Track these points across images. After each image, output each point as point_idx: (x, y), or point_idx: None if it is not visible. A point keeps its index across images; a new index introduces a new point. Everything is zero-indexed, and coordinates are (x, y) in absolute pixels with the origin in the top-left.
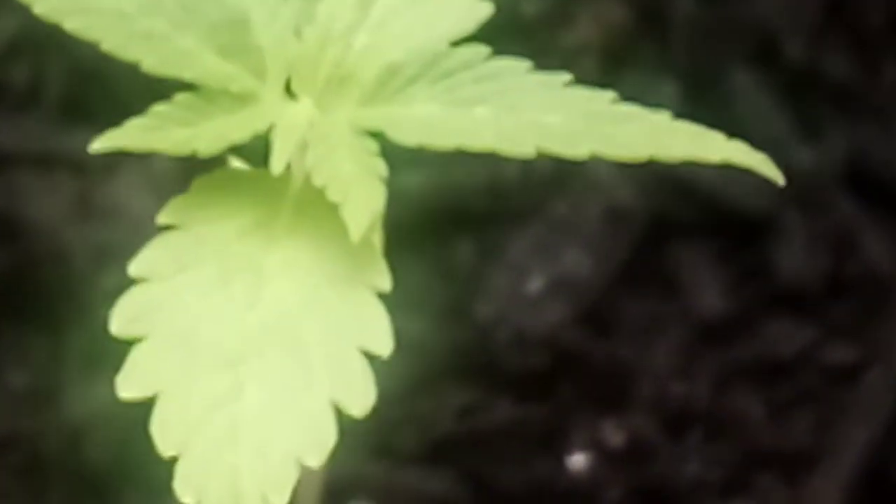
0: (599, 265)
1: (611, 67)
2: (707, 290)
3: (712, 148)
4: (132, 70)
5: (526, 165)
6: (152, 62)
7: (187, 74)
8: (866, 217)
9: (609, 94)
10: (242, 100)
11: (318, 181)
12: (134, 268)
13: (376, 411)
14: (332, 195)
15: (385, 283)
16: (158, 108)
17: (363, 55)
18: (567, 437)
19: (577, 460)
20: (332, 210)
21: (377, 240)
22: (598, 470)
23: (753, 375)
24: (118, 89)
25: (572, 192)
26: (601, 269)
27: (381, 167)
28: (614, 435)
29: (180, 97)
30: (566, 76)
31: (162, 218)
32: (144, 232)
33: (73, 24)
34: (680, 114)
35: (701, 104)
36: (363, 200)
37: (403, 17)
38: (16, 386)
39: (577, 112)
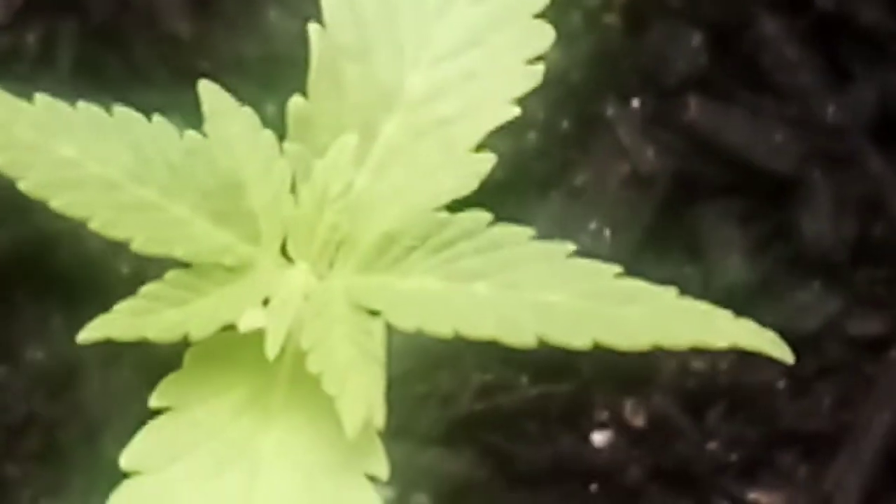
0: (622, 232)
1: (635, 21)
2: (729, 256)
3: (719, 332)
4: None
5: (547, 131)
6: (143, 240)
7: (178, 251)
8: (895, 174)
9: (613, 269)
10: (236, 271)
11: (313, 368)
12: (125, 460)
13: (397, 390)
14: (328, 387)
15: (382, 470)
16: (149, 289)
17: (361, 218)
18: (588, 415)
19: (599, 439)
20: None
21: (379, 422)
22: (619, 448)
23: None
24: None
25: (595, 157)
26: (624, 237)
27: (380, 350)
28: (635, 414)
29: (171, 275)
30: (569, 246)
31: (154, 401)
32: None
33: (60, 202)
34: (706, 66)
35: (727, 54)
36: (360, 393)
37: (403, 174)
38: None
39: (580, 290)
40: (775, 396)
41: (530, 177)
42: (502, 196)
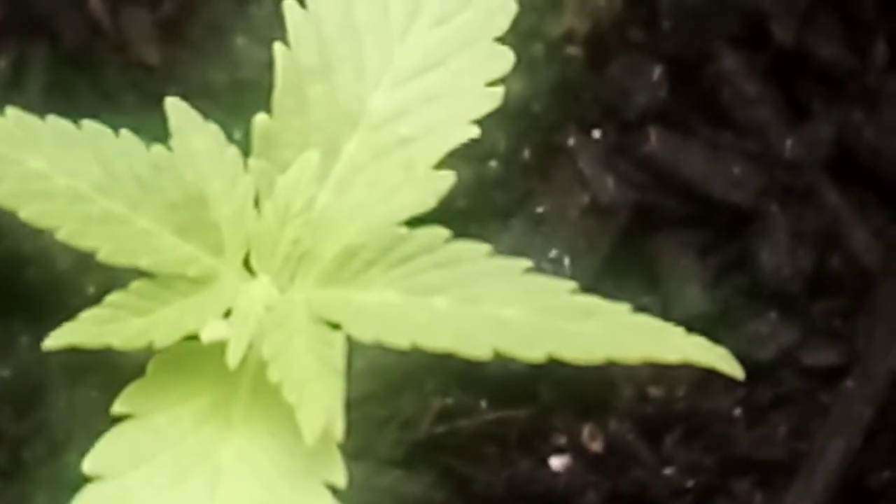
0: (582, 261)
1: (597, 54)
2: (687, 286)
3: (671, 347)
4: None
5: (509, 160)
6: (109, 250)
7: (143, 262)
8: (852, 208)
9: (569, 285)
10: (199, 282)
11: (274, 377)
12: (88, 465)
13: (358, 412)
14: (288, 395)
15: (340, 479)
16: (113, 298)
17: (322, 232)
18: (546, 440)
19: (557, 463)
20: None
21: (338, 432)
22: (576, 473)
23: (732, 378)
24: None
25: (555, 186)
26: (583, 266)
27: (340, 361)
28: (593, 439)
29: (136, 285)
30: (525, 263)
31: (117, 407)
32: None
33: (29, 213)
34: (666, 99)
35: (687, 88)
36: (319, 402)
37: (364, 191)
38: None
39: (536, 305)
40: (731, 424)
41: (492, 205)
42: (464, 223)
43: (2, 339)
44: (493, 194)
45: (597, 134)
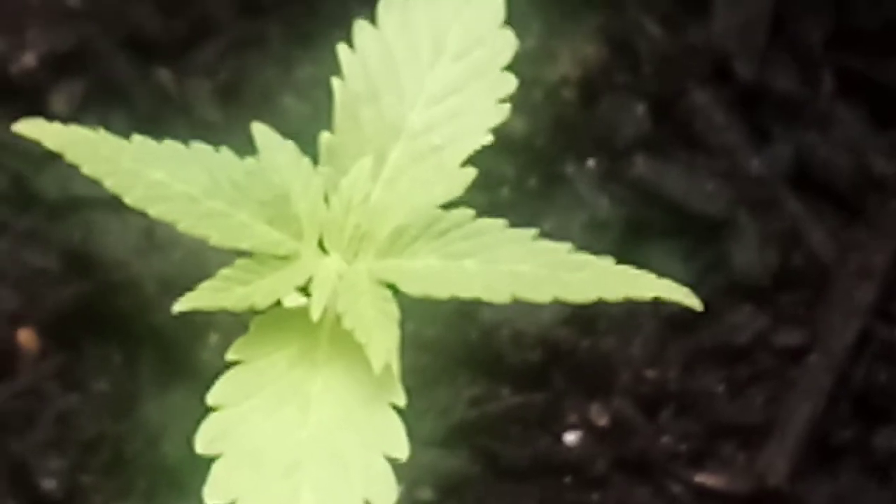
0: None
1: (589, 95)
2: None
3: (646, 287)
4: None
5: (517, 187)
6: (217, 237)
7: (244, 245)
8: (810, 214)
9: (566, 246)
10: (286, 259)
11: (347, 325)
12: (210, 398)
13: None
14: (359, 337)
15: (401, 400)
16: (223, 272)
17: (377, 218)
18: (561, 418)
19: (570, 438)
20: (359, 343)
21: (395, 367)
22: (587, 445)
23: (715, 359)
24: None
25: (558, 208)
26: None
27: (395, 312)
28: (600, 416)
29: (239, 262)
30: (534, 231)
31: (230, 355)
32: (200, 260)
33: (156, 211)
34: (649, 130)
35: (666, 120)
36: (382, 341)
37: (407, 185)
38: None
39: (542, 261)
40: (716, 398)
41: None
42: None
43: (99, 357)
44: (505, 215)
45: (591, 162)
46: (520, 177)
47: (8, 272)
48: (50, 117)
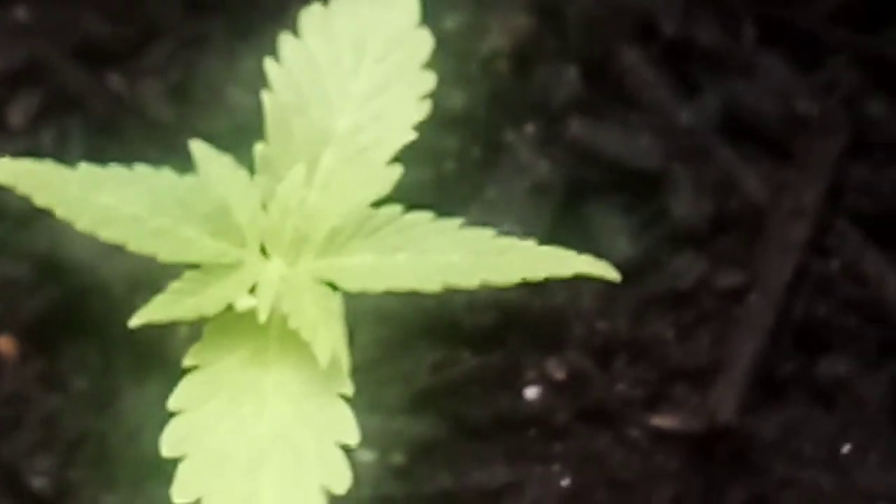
0: (529, 232)
1: (521, 63)
2: (617, 239)
3: (567, 265)
4: None
5: (461, 158)
6: (165, 253)
7: (191, 258)
8: (742, 161)
9: (490, 232)
10: (232, 267)
11: (292, 325)
12: (171, 403)
13: (367, 374)
14: (304, 335)
15: (349, 390)
16: (174, 285)
17: (314, 220)
18: (520, 376)
19: (530, 393)
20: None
21: (344, 359)
22: (547, 399)
23: (661, 306)
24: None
25: (501, 174)
26: (531, 235)
27: (338, 308)
28: (557, 370)
29: (188, 274)
30: (459, 220)
31: (186, 361)
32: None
33: (106, 234)
34: (582, 92)
35: (598, 81)
36: (326, 337)
37: (339, 187)
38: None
39: (469, 249)
40: (665, 343)
41: (451, 195)
42: (431, 211)
43: (77, 358)
44: (452, 187)
45: (529, 128)
46: (462, 148)
47: None
48: (8, 131)
